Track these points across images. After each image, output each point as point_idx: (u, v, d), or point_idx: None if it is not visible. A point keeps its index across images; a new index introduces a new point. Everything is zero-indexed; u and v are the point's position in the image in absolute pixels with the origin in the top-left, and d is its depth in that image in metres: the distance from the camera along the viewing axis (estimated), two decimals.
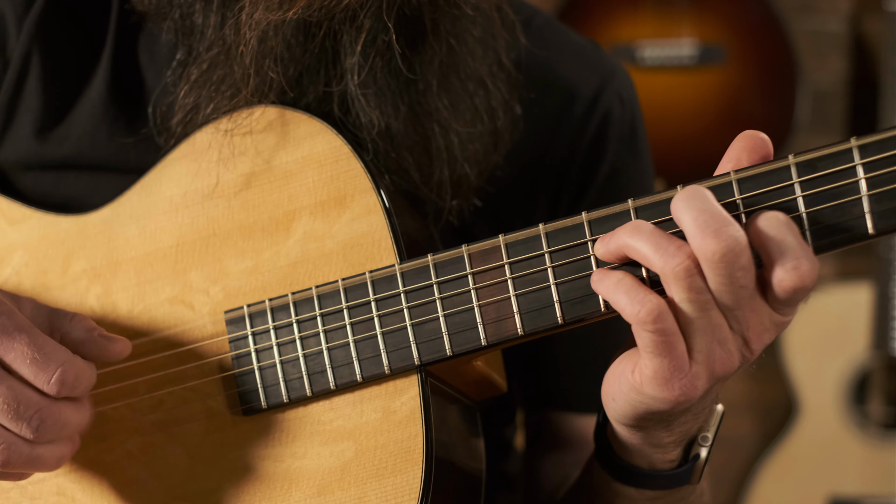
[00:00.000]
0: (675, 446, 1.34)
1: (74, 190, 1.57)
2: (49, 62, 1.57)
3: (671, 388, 1.20)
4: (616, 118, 1.62)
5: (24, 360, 1.27)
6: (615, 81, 1.63)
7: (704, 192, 1.17)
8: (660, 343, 1.18)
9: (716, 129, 3.85)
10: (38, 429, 1.27)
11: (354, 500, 1.32)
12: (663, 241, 1.17)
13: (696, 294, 1.16)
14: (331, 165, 1.39)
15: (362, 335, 1.34)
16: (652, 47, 3.90)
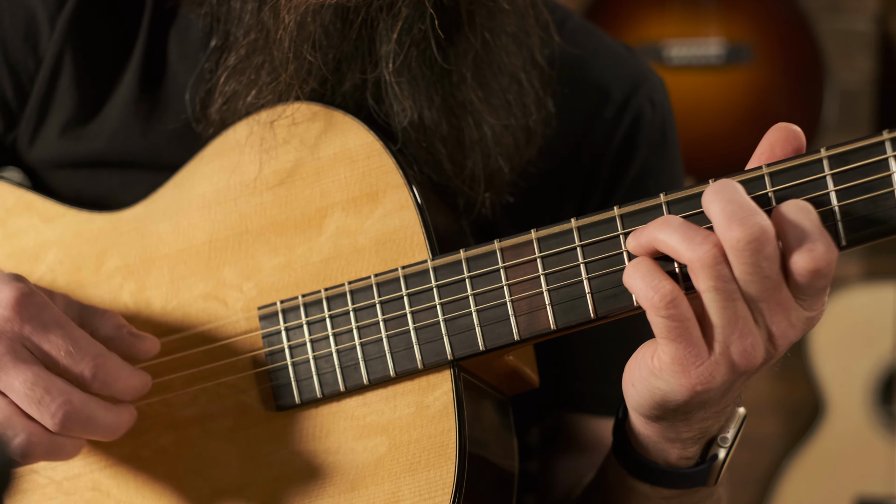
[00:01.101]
0: (693, 442, 1.33)
1: (107, 187, 1.59)
2: (82, 61, 1.58)
3: (688, 374, 1.20)
4: (646, 122, 1.62)
5: (59, 351, 1.29)
6: (647, 85, 1.63)
7: (733, 183, 1.18)
8: (674, 328, 1.18)
9: (743, 129, 3.84)
10: (61, 419, 1.28)
11: (388, 495, 1.33)
12: (691, 231, 1.17)
13: (721, 283, 1.16)
14: (363, 161, 1.40)
15: (395, 330, 1.34)
16: (679, 47, 3.89)
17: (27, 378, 1.27)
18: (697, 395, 1.22)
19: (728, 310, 1.17)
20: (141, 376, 1.35)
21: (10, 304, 1.29)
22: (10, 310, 1.29)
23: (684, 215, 1.22)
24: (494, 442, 1.42)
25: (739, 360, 1.19)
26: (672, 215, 1.21)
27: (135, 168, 1.58)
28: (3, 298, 1.30)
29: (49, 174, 1.62)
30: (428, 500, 1.31)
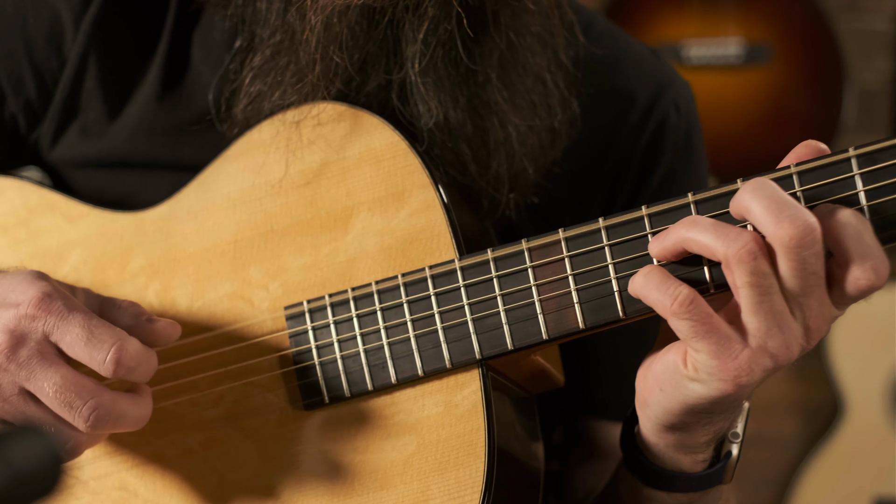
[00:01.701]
0: (707, 446, 1.33)
1: (128, 187, 1.59)
2: (106, 62, 1.59)
3: (727, 367, 1.19)
4: (671, 127, 1.61)
5: (79, 342, 1.29)
6: (672, 89, 1.63)
7: (771, 182, 1.17)
8: (699, 327, 1.18)
9: (762, 129, 3.83)
10: (90, 419, 1.28)
11: (417, 494, 1.32)
12: (723, 228, 1.17)
13: (758, 278, 1.15)
14: (388, 161, 1.40)
15: (423, 330, 1.34)
16: (698, 47, 3.89)
17: (56, 382, 1.28)
18: (740, 388, 1.21)
19: (765, 304, 1.16)
20: (154, 356, 1.34)
21: (33, 303, 1.29)
22: (34, 308, 1.29)
23: (711, 215, 1.22)
24: (522, 441, 1.42)
25: (779, 353, 1.18)
26: (699, 215, 1.21)
27: (157, 168, 1.58)
28: (25, 298, 1.30)
29: (71, 174, 1.63)
30: (457, 498, 1.30)
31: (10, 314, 1.29)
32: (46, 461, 0.75)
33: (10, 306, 1.30)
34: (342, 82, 1.41)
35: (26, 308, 1.30)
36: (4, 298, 1.31)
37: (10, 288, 1.32)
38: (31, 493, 0.75)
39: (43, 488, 0.76)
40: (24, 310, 1.29)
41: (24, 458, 0.74)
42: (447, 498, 1.31)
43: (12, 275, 1.34)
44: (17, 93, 1.59)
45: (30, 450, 0.75)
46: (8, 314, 1.30)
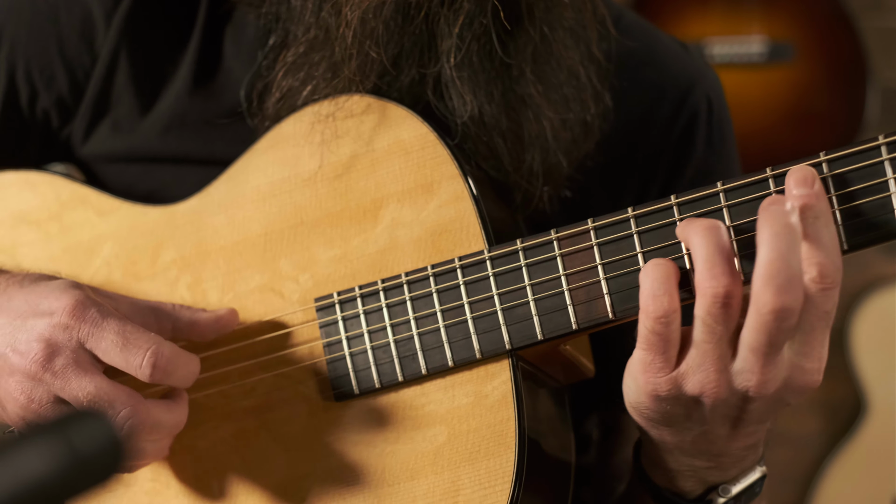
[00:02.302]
0: (682, 477, 1.37)
1: (159, 182, 1.60)
2: (137, 58, 1.60)
3: (647, 378, 1.23)
4: (703, 121, 1.61)
5: (114, 348, 1.30)
6: (703, 83, 1.63)
7: (793, 236, 1.15)
8: (652, 341, 1.20)
9: (784, 127, 3.82)
10: (127, 428, 1.29)
11: (448, 484, 1.33)
12: (718, 258, 1.17)
13: (710, 320, 1.17)
14: (417, 153, 1.40)
15: (453, 320, 1.35)
16: (721, 45, 3.89)
17: (90, 391, 1.29)
18: (655, 403, 1.24)
19: (707, 344, 1.18)
20: (197, 360, 1.36)
21: (67, 312, 1.30)
22: (69, 317, 1.30)
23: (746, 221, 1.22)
24: (552, 431, 1.43)
25: (704, 389, 1.21)
26: (721, 228, 1.19)
27: (187, 163, 1.59)
28: (60, 307, 1.31)
29: (102, 169, 1.64)
30: (488, 488, 1.31)
31: (43, 323, 1.30)
32: (107, 446, 0.76)
33: (44, 315, 1.31)
34: (377, 77, 1.42)
35: (60, 317, 1.30)
36: (38, 307, 1.32)
37: (42, 296, 1.33)
38: (90, 478, 0.75)
39: (101, 474, 0.76)
40: (59, 318, 1.30)
41: (85, 441, 0.75)
42: (478, 488, 1.32)
43: (45, 283, 1.35)
44: (50, 89, 1.61)
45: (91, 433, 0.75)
46: (42, 323, 1.30)
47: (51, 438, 0.75)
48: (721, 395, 1.20)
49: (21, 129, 1.63)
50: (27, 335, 1.30)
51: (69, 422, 0.77)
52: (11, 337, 1.31)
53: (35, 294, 1.34)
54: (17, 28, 1.61)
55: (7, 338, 1.32)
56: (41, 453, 0.74)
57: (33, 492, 0.73)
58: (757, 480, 1.38)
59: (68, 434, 0.76)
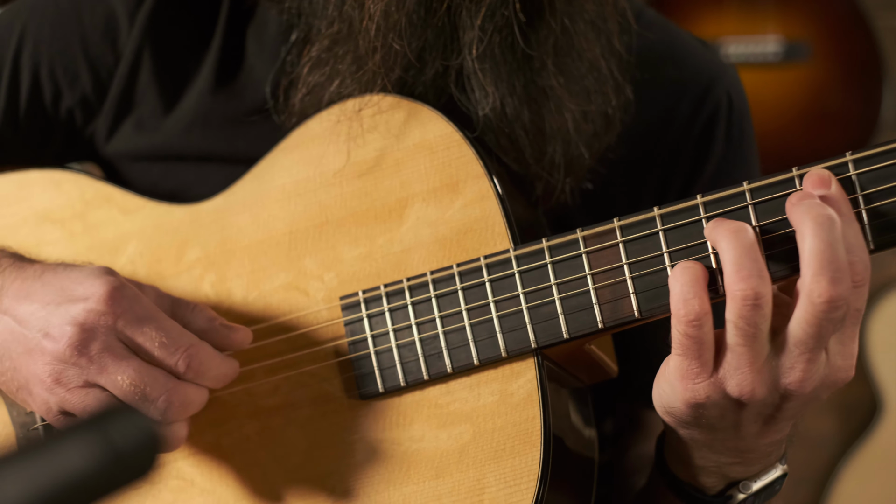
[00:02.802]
0: (706, 473, 1.37)
1: (183, 180, 1.61)
2: (160, 56, 1.60)
3: (685, 386, 1.23)
4: (724, 117, 1.62)
5: (153, 343, 1.31)
6: (724, 80, 1.63)
7: (836, 225, 1.16)
8: (687, 346, 1.20)
9: (800, 126, 3.82)
10: (165, 411, 1.30)
11: (473, 483, 1.33)
12: (746, 260, 1.17)
13: (743, 322, 1.17)
14: (443, 152, 1.40)
15: (478, 319, 1.35)
16: (736, 44, 3.89)
17: (129, 374, 1.29)
18: (692, 409, 1.24)
19: (741, 346, 1.18)
20: (231, 363, 1.37)
21: (103, 299, 1.31)
22: (104, 304, 1.30)
23: (772, 221, 1.22)
24: (576, 430, 1.43)
25: (742, 392, 1.21)
26: (748, 230, 1.20)
27: (211, 161, 1.60)
28: (95, 293, 1.31)
29: (126, 167, 1.64)
30: (513, 486, 1.31)
31: (78, 308, 1.31)
32: (145, 442, 0.76)
33: (79, 300, 1.31)
34: (401, 70, 1.42)
35: (95, 303, 1.31)
36: (72, 292, 1.33)
37: (77, 282, 1.33)
38: (128, 473, 0.76)
39: (138, 470, 0.76)
40: (93, 304, 1.31)
41: (123, 436, 0.75)
42: (503, 486, 1.32)
43: (79, 269, 1.36)
44: (74, 87, 1.61)
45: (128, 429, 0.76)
46: (76, 308, 1.31)
47: (89, 434, 0.75)
48: (759, 395, 1.20)
49: (45, 127, 1.64)
50: (60, 319, 1.31)
51: (107, 417, 0.77)
52: (44, 321, 1.32)
53: (70, 280, 1.34)
54: (41, 27, 1.62)
55: (40, 322, 1.32)
56: (80, 449, 0.74)
57: (72, 488, 0.74)
58: (778, 478, 1.39)
59: (107, 430, 0.76)
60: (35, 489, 0.71)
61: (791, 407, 1.23)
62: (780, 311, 1.19)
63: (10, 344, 1.35)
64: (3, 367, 1.36)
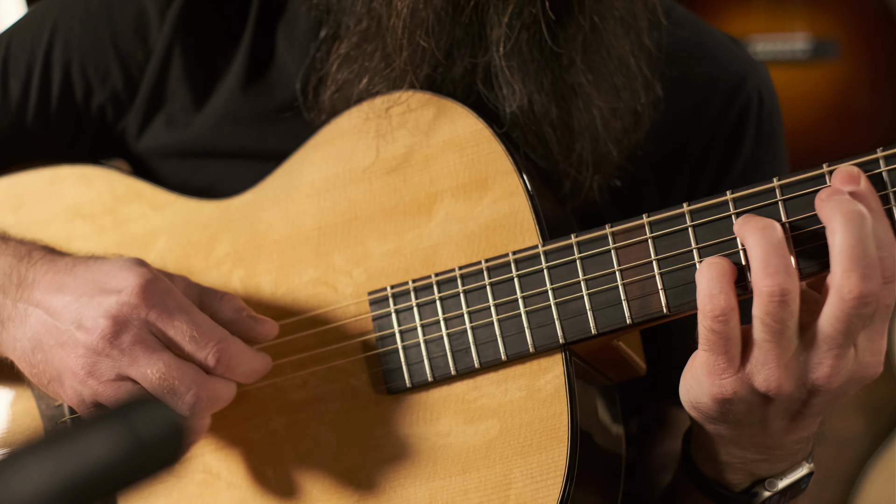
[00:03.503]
0: (732, 470, 1.36)
1: (213, 177, 1.61)
2: (190, 53, 1.61)
3: (711, 381, 1.23)
4: (754, 114, 1.61)
5: (183, 336, 1.31)
6: (754, 77, 1.63)
7: (866, 221, 1.16)
8: (714, 341, 1.21)
9: (829, 124, 3.81)
10: (194, 405, 1.30)
11: (499, 478, 1.33)
12: (773, 256, 1.17)
13: (771, 318, 1.17)
14: (472, 148, 1.41)
15: (506, 314, 1.35)
16: (764, 42, 3.88)
17: (159, 368, 1.30)
18: (719, 405, 1.24)
19: (768, 342, 1.18)
20: (262, 359, 1.37)
21: (135, 291, 1.31)
22: (137, 296, 1.31)
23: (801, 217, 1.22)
24: (603, 426, 1.43)
25: (769, 387, 1.21)
26: (776, 227, 1.20)
27: (241, 157, 1.61)
28: (128, 285, 1.32)
29: (156, 163, 1.65)
30: (540, 482, 1.31)
31: (111, 300, 1.32)
32: (169, 433, 0.76)
33: (112, 292, 1.32)
34: (430, 67, 1.42)
35: (128, 296, 1.32)
36: (105, 284, 1.33)
37: (110, 274, 1.34)
38: (152, 464, 0.76)
39: (163, 460, 0.77)
40: (126, 297, 1.32)
41: (148, 427, 0.76)
42: (529, 482, 1.32)
43: (111, 261, 1.37)
44: (104, 84, 1.62)
45: (154, 420, 0.76)
46: (109, 300, 1.32)
47: (115, 424, 0.76)
48: (786, 390, 1.20)
49: (76, 124, 1.65)
50: (94, 312, 1.32)
51: (133, 408, 0.77)
52: (77, 313, 1.33)
53: (102, 272, 1.35)
54: (72, 24, 1.63)
55: (73, 314, 1.33)
56: (105, 439, 0.75)
57: (96, 476, 0.74)
58: (804, 476, 1.38)
59: (132, 420, 0.76)
60: (59, 477, 0.72)
61: (818, 402, 1.23)
62: (810, 307, 1.19)
63: (42, 336, 1.35)
64: (36, 359, 1.37)
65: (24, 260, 1.41)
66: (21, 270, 1.40)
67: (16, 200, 1.63)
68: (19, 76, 1.64)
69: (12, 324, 1.39)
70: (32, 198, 1.63)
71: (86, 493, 0.72)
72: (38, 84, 1.64)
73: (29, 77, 1.64)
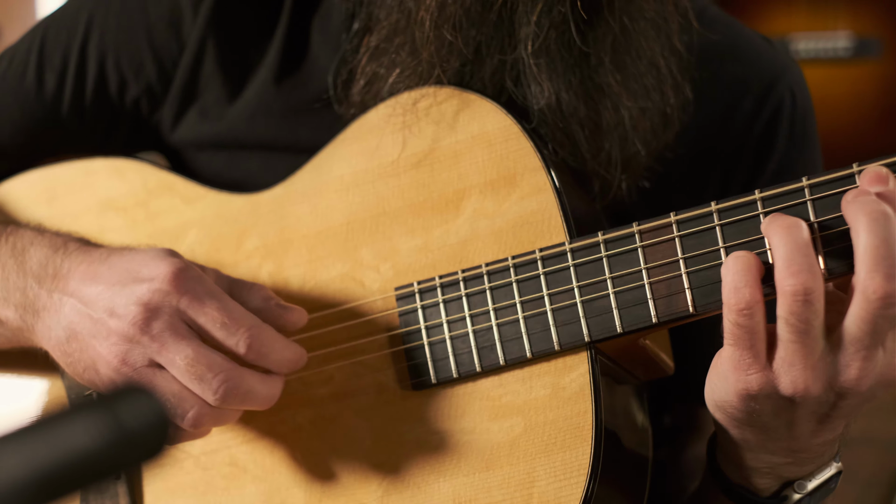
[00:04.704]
0: (759, 474, 1.35)
1: (246, 169, 1.62)
2: (224, 46, 1.62)
3: (737, 377, 1.22)
4: (787, 115, 1.60)
5: (214, 323, 1.32)
6: (787, 77, 1.62)
7: (891, 221, 1.15)
8: (739, 335, 1.20)
9: (870, 122, 3.78)
10: (219, 391, 1.30)
11: (523, 476, 1.33)
12: (797, 256, 1.16)
13: (796, 318, 1.16)
14: (501, 145, 1.40)
15: (532, 312, 1.35)
16: (806, 40, 3.85)
17: (188, 355, 1.30)
18: (745, 402, 1.23)
19: (794, 343, 1.18)
20: (295, 348, 1.37)
21: (167, 279, 1.32)
22: (168, 284, 1.32)
23: (830, 217, 1.21)
24: (629, 426, 1.42)
25: (796, 388, 1.20)
26: (800, 226, 1.19)
27: (274, 150, 1.61)
28: (160, 273, 1.33)
29: (191, 156, 1.66)
30: (563, 480, 1.31)
31: (143, 288, 1.33)
32: (154, 423, 0.76)
33: (144, 281, 1.34)
34: (458, 63, 1.42)
35: (160, 283, 1.33)
36: (138, 273, 1.35)
37: (142, 263, 1.35)
38: (137, 453, 0.76)
39: (148, 449, 0.77)
40: (158, 285, 1.33)
41: (132, 416, 0.76)
42: (553, 480, 1.32)
43: (143, 251, 1.38)
44: (138, 77, 1.63)
45: (139, 410, 0.76)
46: (141, 288, 1.33)
47: (97, 412, 0.75)
48: (813, 392, 1.19)
49: (111, 117, 1.66)
50: (126, 300, 1.33)
51: (117, 397, 0.77)
52: (110, 302, 1.34)
53: (135, 262, 1.36)
54: (107, 18, 1.64)
55: (106, 303, 1.34)
56: (87, 426, 0.74)
57: (75, 465, 0.74)
58: (833, 476, 1.37)
59: (115, 409, 0.76)
60: (35, 465, 0.72)
61: (847, 405, 1.22)
62: (837, 307, 1.18)
63: (76, 325, 1.37)
64: (70, 348, 1.38)
65: (60, 251, 1.43)
66: (56, 261, 1.41)
67: (50, 193, 1.65)
68: (55, 69, 1.65)
69: (47, 314, 1.40)
70: (66, 190, 1.64)
71: (63, 482, 0.72)
72: (73, 77, 1.65)
73: (64, 70, 1.65)
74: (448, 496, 1.36)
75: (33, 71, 1.65)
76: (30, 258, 1.43)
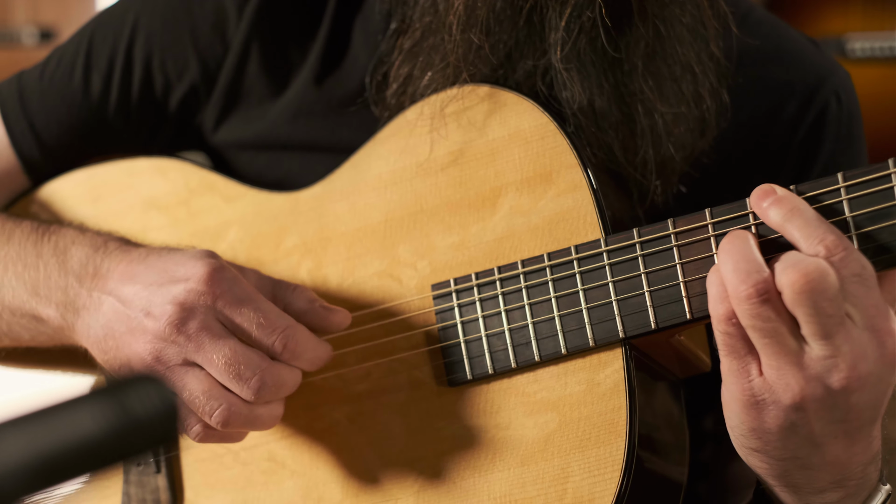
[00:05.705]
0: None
1: (287, 169, 1.63)
2: (268, 48, 1.63)
3: (739, 387, 1.22)
4: (832, 117, 1.58)
5: (251, 324, 1.34)
6: (833, 80, 1.59)
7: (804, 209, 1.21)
8: (727, 344, 1.21)
9: None
10: (259, 390, 1.32)
11: (557, 471, 1.33)
12: (742, 262, 1.20)
13: (759, 321, 1.18)
14: (537, 142, 1.41)
15: (567, 309, 1.35)
16: (862, 40, 3.82)
17: (225, 353, 1.32)
18: (756, 417, 1.23)
19: (769, 347, 1.19)
20: (325, 347, 1.40)
21: (203, 279, 1.34)
22: (204, 284, 1.34)
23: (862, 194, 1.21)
24: (665, 422, 1.42)
25: (787, 398, 1.20)
26: (739, 236, 1.22)
27: (315, 150, 1.62)
28: (196, 273, 1.35)
29: (233, 156, 1.68)
30: (597, 476, 1.31)
31: (179, 288, 1.35)
32: (161, 410, 0.77)
33: (180, 281, 1.35)
34: (486, 67, 1.43)
35: (196, 283, 1.35)
36: (174, 273, 1.36)
37: (179, 263, 1.37)
38: (144, 440, 0.77)
39: (156, 437, 0.77)
40: (194, 285, 1.34)
41: (139, 404, 0.76)
42: (587, 475, 1.32)
43: (181, 252, 1.40)
44: (183, 78, 1.65)
45: (146, 397, 0.77)
46: (177, 288, 1.35)
47: (104, 399, 0.76)
48: (813, 393, 1.19)
49: (155, 117, 1.68)
50: (162, 299, 1.35)
51: (125, 385, 0.78)
52: (147, 301, 1.36)
53: (172, 262, 1.38)
54: (152, 20, 1.66)
55: (142, 302, 1.36)
56: (93, 413, 0.75)
57: (80, 448, 0.74)
58: (884, 501, 1.34)
59: (123, 397, 0.76)
60: (38, 447, 0.73)
61: (859, 401, 1.20)
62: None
63: (113, 324, 1.39)
64: (107, 345, 1.40)
65: (100, 250, 1.45)
66: (97, 260, 1.43)
67: (94, 192, 1.67)
68: (101, 70, 1.67)
69: (87, 312, 1.42)
70: (110, 189, 1.66)
71: (66, 466, 0.73)
72: (119, 78, 1.67)
73: (110, 71, 1.67)
74: (483, 491, 1.36)
75: (80, 72, 1.68)
76: (71, 257, 1.45)
